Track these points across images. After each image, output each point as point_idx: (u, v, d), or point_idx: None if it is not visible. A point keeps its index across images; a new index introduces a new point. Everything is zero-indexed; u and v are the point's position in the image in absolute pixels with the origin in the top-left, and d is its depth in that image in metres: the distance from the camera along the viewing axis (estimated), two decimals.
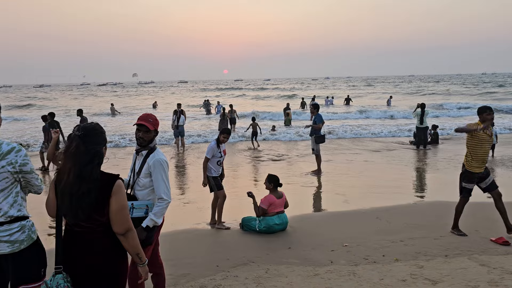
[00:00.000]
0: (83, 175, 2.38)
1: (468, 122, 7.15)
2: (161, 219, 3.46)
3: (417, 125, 14.56)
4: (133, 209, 3.41)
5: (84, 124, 2.51)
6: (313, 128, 10.71)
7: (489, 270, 4.55)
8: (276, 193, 6.27)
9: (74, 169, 2.37)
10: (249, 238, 5.97)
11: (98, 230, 2.45)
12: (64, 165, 2.43)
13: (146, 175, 3.48)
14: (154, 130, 3.54)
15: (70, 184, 2.38)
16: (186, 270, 4.80)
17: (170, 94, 68.50)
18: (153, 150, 3.54)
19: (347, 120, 25.06)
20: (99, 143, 2.50)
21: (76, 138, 2.42)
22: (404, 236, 5.82)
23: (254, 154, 13.85)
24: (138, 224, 3.36)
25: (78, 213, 2.39)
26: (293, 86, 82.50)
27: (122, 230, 2.46)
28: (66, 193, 2.40)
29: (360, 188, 9.05)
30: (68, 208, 2.41)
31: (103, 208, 2.42)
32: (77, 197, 2.38)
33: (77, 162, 2.38)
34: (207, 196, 7.17)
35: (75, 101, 52.64)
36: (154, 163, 3.44)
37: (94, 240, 2.45)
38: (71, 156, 2.39)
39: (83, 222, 2.42)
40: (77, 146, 2.40)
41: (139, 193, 3.51)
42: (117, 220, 2.44)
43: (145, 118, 3.52)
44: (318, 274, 4.60)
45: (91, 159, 2.41)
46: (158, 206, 3.42)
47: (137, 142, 3.56)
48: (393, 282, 4.33)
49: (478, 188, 5.88)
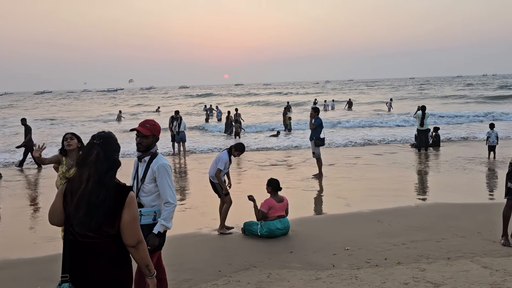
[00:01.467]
0: (102, 182, 2.37)
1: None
2: (171, 223, 3.48)
3: (418, 128, 14.57)
4: (141, 216, 3.41)
5: (99, 133, 2.52)
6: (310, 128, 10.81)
7: (491, 272, 4.54)
8: (276, 197, 6.27)
9: (94, 177, 2.36)
10: (251, 242, 5.97)
11: (106, 241, 2.40)
12: (80, 174, 2.40)
13: (151, 180, 3.49)
14: (152, 135, 3.54)
15: (89, 192, 2.34)
16: (188, 275, 4.80)
17: (175, 99, 67.04)
18: (155, 156, 3.55)
19: (348, 131, 21.87)
20: (116, 151, 2.52)
21: (96, 147, 2.42)
22: (406, 239, 5.81)
23: (255, 159, 13.85)
24: (145, 231, 3.34)
25: (92, 222, 2.35)
26: (306, 91, 79.43)
27: (133, 242, 2.43)
28: (84, 202, 2.35)
29: (361, 191, 9.04)
30: (83, 218, 2.35)
31: (115, 219, 2.39)
32: (96, 205, 2.34)
33: (98, 170, 2.37)
34: (208, 201, 7.20)
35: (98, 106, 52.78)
36: (159, 168, 3.46)
37: (102, 250, 2.40)
38: (92, 165, 2.38)
39: (91, 232, 2.37)
40: (97, 154, 2.39)
41: (144, 199, 3.52)
42: (129, 232, 2.41)
43: (142, 124, 3.55)
44: (320, 278, 4.59)
45: (111, 167, 2.42)
46: (166, 210, 3.44)
47: (136, 148, 3.58)
48: (395, 285, 4.32)
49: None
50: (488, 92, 51.04)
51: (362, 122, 24.77)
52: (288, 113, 23.39)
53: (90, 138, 2.50)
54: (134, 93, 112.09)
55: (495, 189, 9.02)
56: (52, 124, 30.74)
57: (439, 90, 63.49)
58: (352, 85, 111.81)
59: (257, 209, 6.21)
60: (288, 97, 54.97)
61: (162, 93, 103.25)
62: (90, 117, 35.90)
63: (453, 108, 31.81)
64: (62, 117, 37.11)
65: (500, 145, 13.10)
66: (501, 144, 13.70)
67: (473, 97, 45.06)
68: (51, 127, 29.09)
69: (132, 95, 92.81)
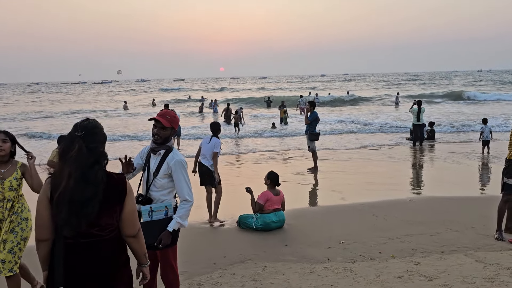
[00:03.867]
0: (87, 178, 2.16)
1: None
2: (187, 221, 3.35)
3: (414, 122, 14.56)
4: (152, 212, 3.31)
5: (82, 122, 2.28)
6: (305, 123, 10.77)
7: (485, 266, 4.57)
8: (273, 190, 6.28)
9: (76, 174, 2.15)
10: (246, 235, 5.97)
11: (109, 237, 2.26)
12: (61, 169, 2.18)
13: (165, 175, 3.34)
14: (171, 128, 3.37)
15: (72, 190, 2.14)
16: (183, 268, 4.78)
17: (194, 90, 63.99)
18: (171, 150, 3.40)
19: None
20: (102, 142, 2.31)
21: (78, 140, 2.19)
22: (400, 232, 5.84)
23: (251, 151, 13.83)
24: (157, 226, 3.28)
25: (81, 222, 2.15)
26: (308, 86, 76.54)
27: (135, 231, 2.34)
28: (66, 201, 2.14)
29: (356, 185, 9.07)
30: (67, 218, 2.14)
31: (115, 210, 2.26)
32: (80, 203, 2.14)
33: (80, 166, 2.16)
34: (203, 194, 7.15)
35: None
36: (176, 164, 3.31)
37: (104, 247, 2.24)
38: (73, 161, 2.16)
39: (93, 229, 2.20)
40: (79, 149, 2.17)
41: (155, 194, 3.37)
42: (131, 221, 2.31)
43: (162, 114, 3.38)
44: (315, 271, 4.61)
45: (97, 160, 2.22)
46: (183, 208, 3.30)
47: (153, 139, 3.41)
48: (390, 278, 4.34)
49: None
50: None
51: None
52: (284, 107, 23.34)
53: (72, 129, 2.26)
54: (130, 83, 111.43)
55: (488, 184, 9.09)
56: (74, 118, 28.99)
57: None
58: (351, 79, 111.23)
59: (254, 201, 6.21)
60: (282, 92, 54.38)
61: (154, 85, 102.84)
62: (108, 108, 35.32)
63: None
64: (83, 109, 35.53)
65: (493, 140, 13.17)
66: (495, 137, 13.79)
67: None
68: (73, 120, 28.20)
69: (128, 85, 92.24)
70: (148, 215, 3.33)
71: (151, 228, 3.28)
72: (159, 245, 3.28)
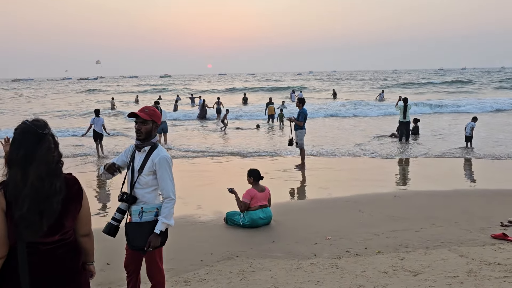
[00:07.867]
0: (53, 174, 2.13)
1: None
2: (173, 219, 3.32)
3: (400, 119, 14.53)
4: (142, 213, 3.26)
5: (39, 121, 2.21)
6: (296, 124, 10.71)
7: (468, 261, 4.66)
8: (257, 186, 6.27)
9: (41, 171, 2.08)
10: (233, 232, 5.97)
11: (70, 241, 2.23)
12: (22, 174, 2.07)
13: (150, 172, 3.29)
14: (152, 121, 3.33)
15: (35, 188, 2.06)
16: (170, 265, 4.77)
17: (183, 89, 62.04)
18: (156, 147, 3.36)
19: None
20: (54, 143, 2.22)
21: (47, 137, 2.16)
22: (386, 228, 5.90)
23: (237, 150, 13.82)
24: (147, 228, 3.24)
25: (43, 222, 2.07)
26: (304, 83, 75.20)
27: (89, 230, 2.35)
28: (28, 198, 2.04)
29: (343, 181, 9.14)
30: (29, 216, 2.04)
31: (77, 210, 2.25)
32: (44, 199, 2.07)
33: (48, 162, 2.12)
34: (191, 190, 7.17)
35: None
36: (160, 161, 3.27)
37: (67, 253, 2.22)
38: (42, 158, 2.11)
39: (54, 235, 2.15)
40: (49, 146, 2.15)
41: (139, 191, 3.32)
42: (87, 220, 2.32)
43: (141, 109, 3.37)
44: (302, 267, 4.64)
45: (60, 156, 2.22)
46: (166, 207, 3.27)
47: (136, 136, 3.37)
48: (375, 274, 4.39)
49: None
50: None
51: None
52: (271, 104, 23.26)
53: (32, 127, 2.14)
54: (116, 81, 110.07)
55: (470, 179, 9.22)
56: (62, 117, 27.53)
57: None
58: (338, 76, 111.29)
59: (239, 201, 6.20)
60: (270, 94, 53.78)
61: (142, 81, 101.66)
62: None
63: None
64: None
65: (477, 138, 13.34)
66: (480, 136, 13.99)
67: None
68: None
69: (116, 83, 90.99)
70: (138, 216, 3.27)
71: (140, 230, 3.24)
72: (149, 248, 3.24)
